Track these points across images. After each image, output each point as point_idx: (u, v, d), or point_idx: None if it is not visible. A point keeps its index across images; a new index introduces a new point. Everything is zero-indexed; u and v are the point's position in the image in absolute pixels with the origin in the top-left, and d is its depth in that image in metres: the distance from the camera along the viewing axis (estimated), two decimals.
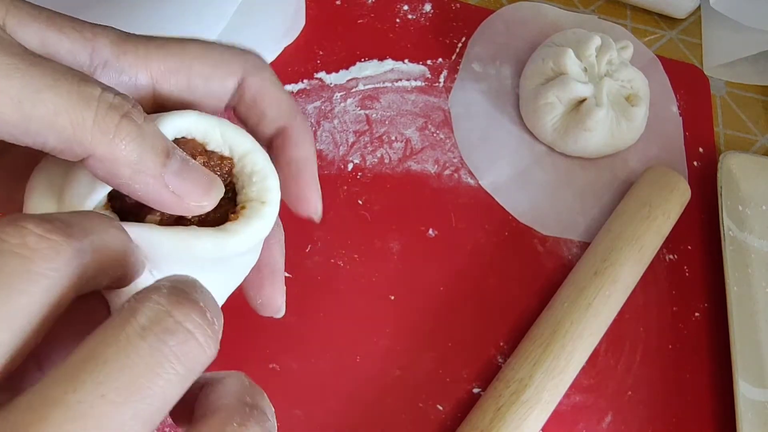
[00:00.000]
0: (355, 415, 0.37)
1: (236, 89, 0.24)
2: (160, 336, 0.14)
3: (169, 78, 0.23)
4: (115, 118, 0.18)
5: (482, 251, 0.43)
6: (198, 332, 0.15)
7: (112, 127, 0.18)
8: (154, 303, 0.15)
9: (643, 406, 0.40)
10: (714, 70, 0.55)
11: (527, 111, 0.47)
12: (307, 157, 0.24)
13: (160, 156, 0.19)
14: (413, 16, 0.50)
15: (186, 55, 0.23)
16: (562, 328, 0.38)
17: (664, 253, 0.45)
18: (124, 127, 0.18)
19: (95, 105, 0.18)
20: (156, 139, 0.19)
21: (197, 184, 0.20)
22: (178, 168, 0.19)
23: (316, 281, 0.39)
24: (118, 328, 0.14)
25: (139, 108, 0.19)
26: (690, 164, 0.49)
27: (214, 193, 0.20)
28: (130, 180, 0.18)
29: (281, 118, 0.24)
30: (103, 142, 0.18)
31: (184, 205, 0.19)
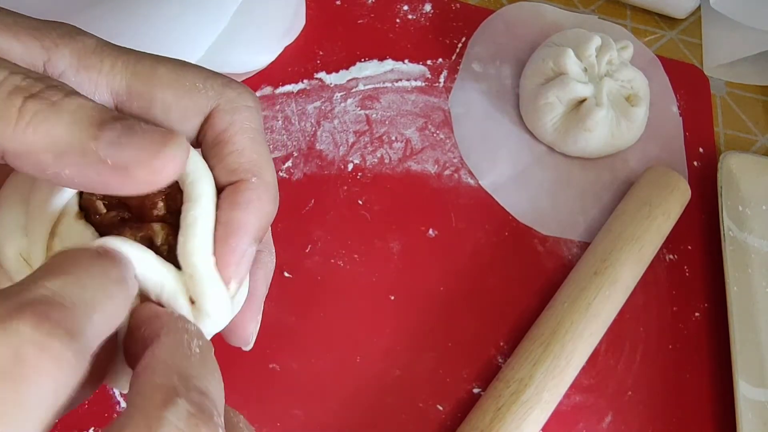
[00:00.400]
0: (355, 415, 0.37)
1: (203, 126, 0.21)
2: None
3: (130, 101, 0.20)
4: (17, 101, 0.15)
5: (482, 251, 0.43)
6: None
7: (14, 112, 0.15)
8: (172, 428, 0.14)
9: (643, 406, 0.40)
10: (714, 70, 0.55)
11: (527, 111, 0.47)
12: (243, 224, 0.20)
13: (87, 129, 0.16)
14: (413, 16, 0.50)
15: (154, 79, 0.20)
16: (562, 328, 0.38)
17: (664, 253, 0.45)
18: (29, 109, 0.15)
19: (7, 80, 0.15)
20: (80, 112, 0.16)
21: (143, 145, 0.16)
22: (116, 136, 0.16)
23: (316, 281, 0.39)
24: None
25: (62, 86, 0.16)
26: (690, 164, 0.49)
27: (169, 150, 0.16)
28: (57, 168, 0.16)
29: (237, 171, 0.20)
30: (6, 133, 0.15)
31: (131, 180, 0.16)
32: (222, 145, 0.20)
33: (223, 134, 0.20)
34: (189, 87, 0.20)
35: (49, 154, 0.15)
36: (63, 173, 0.16)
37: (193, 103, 0.20)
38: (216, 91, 0.21)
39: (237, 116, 0.21)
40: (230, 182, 0.20)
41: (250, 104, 0.21)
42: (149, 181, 0.16)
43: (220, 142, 0.20)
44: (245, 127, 0.21)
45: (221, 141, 0.20)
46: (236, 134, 0.21)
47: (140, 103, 0.20)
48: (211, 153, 0.21)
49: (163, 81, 0.20)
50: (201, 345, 0.16)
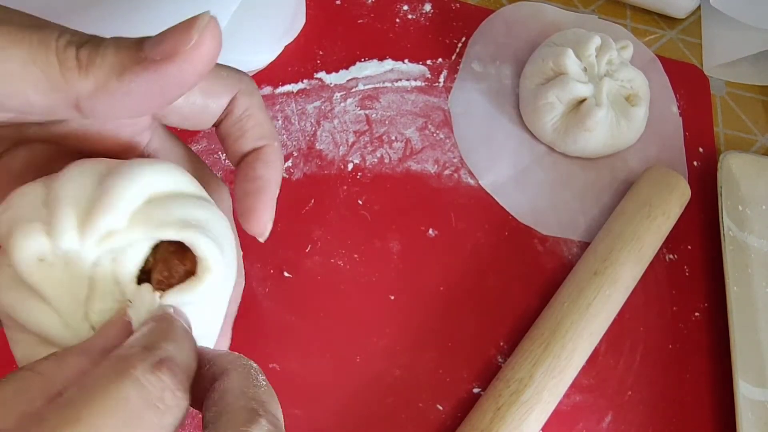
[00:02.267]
0: (355, 415, 0.37)
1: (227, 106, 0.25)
2: None
3: None
4: (72, 51, 0.18)
5: (482, 251, 0.43)
6: None
7: (73, 59, 0.18)
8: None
9: (643, 406, 0.40)
10: (714, 70, 0.55)
11: (527, 111, 0.47)
12: (273, 179, 0.25)
13: (131, 48, 0.18)
14: (413, 16, 0.50)
15: None
16: (562, 328, 0.38)
17: (664, 253, 0.45)
18: (84, 53, 0.18)
19: (54, 46, 0.18)
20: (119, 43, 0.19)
21: (179, 30, 0.19)
22: (154, 40, 0.19)
23: (316, 281, 0.39)
24: None
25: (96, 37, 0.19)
26: (690, 164, 0.49)
27: (199, 22, 0.19)
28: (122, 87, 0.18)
29: (261, 138, 0.25)
30: (74, 75, 0.18)
31: (183, 60, 0.19)
32: (246, 120, 0.25)
33: (247, 111, 0.25)
34: (217, 75, 0.24)
35: (113, 79, 0.18)
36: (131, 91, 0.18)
37: (224, 87, 0.24)
38: (236, 77, 0.25)
39: (255, 97, 0.25)
40: (255, 147, 0.25)
41: (257, 89, 0.26)
42: (197, 56, 0.19)
43: (245, 118, 0.25)
44: (261, 105, 0.25)
45: (246, 117, 0.25)
46: (257, 110, 0.25)
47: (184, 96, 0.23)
48: (236, 127, 0.25)
49: None
50: (265, 379, 0.19)
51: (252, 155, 0.25)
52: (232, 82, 0.24)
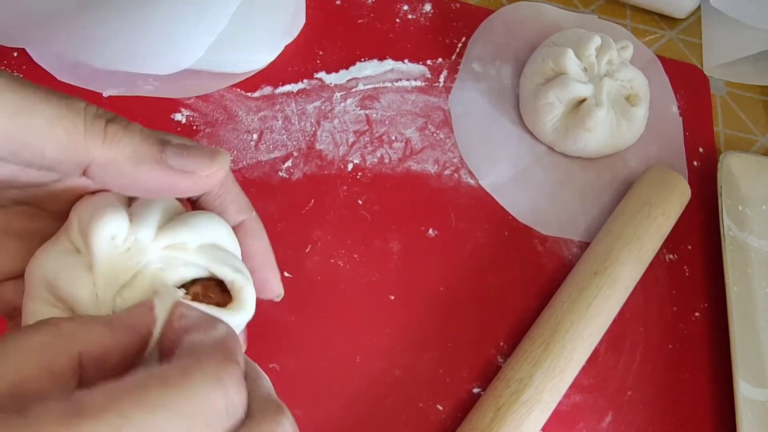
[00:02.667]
0: (355, 415, 0.37)
1: None
2: None
3: None
4: (101, 123, 0.20)
5: (482, 251, 0.43)
6: None
7: (101, 130, 0.20)
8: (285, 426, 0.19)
9: (643, 406, 0.40)
10: (714, 70, 0.55)
11: (527, 111, 0.47)
12: (266, 247, 0.27)
13: (155, 144, 0.20)
14: (413, 16, 0.50)
15: None
16: (562, 328, 0.38)
17: (664, 253, 0.45)
18: (112, 129, 0.20)
19: (83, 113, 0.19)
20: (145, 134, 0.20)
21: (201, 155, 0.21)
22: (176, 150, 0.21)
23: (316, 281, 0.39)
24: None
25: (121, 117, 0.21)
26: (690, 164, 0.49)
27: (221, 159, 0.21)
28: (134, 173, 0.20)
29: (241, 212, 0.26)
30: (97, 145, 0.19)
31: (196, 179, 0.21)
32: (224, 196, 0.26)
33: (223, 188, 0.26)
34: None
35: (130, 163, 0.20)
36: (140, 179, 0.20)
37: None
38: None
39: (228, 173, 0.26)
40: (236, 223, 0.26)
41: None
42: (207, 180, 0.21)
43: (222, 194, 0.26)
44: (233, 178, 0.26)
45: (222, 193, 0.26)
46: (231, 185, 0.26)
47: None
48: (216, 203, 0.26)
49: None
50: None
51: (239, 231, 0.26)
52: None
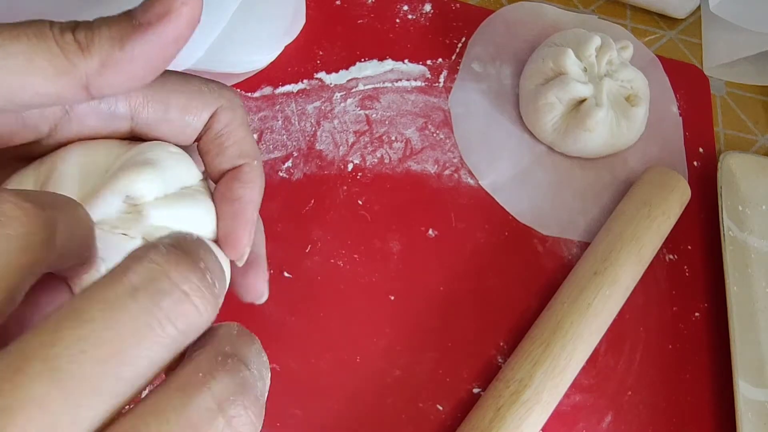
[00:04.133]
0: (355, 415, 0.37)
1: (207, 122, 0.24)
2: (152, 297, 0.14)
3: (147, 108, 0.23)
4: (70, 36, 0.19)
5: (482, 251, 0.43)
6: (195, 295, 0.15)
7: (72, 42, 0.19)
8: (149, 262, 0.14)
9: (643, 406, 0.40)
10: (714, 70, 0.55)
11: (527, 111, 0.47)
12: (251, 199, 0.24)
13: (123, 19, 0.19)
14: (413, 16, 0.50)
15: (165, 85, 0.24)
16: (562, 328, 0.38)
17: (664, 253, 0.45)
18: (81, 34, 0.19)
19: (51, 35, 0.19)
20: (110, 18, 0.20)
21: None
22: (145, 6, 0.20)
23: (316, 281, 0.39)
24: (107, 286, 0.14)
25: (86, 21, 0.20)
26: (690, 164, 0.49)
27: None
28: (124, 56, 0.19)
29: (241, 156, 0.24)
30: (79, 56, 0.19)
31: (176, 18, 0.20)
32: (226, 136, 0.24)
33: (227, 127, 0.24)
34: (196, 90, 0.24)
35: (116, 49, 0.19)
36: (133, 54, 0.19)
37: (203, 103, 0.24)
38: (217, 92, 0.25)
39: (237, 112, 0.25)
40: (234, 165, 0.24)
41: (242, 103, 0.25)
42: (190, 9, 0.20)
43: (225, 134, 0.24)
44: (244, 122, 0.25)
45: (226, 133, 0.24)
46: (238, 127, 0.24)
47: (156, 108, 0.23)
48: (215, 143, 0.24)
49: (175, 87, 0.24)
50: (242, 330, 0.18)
51: (230, 174, 0.24)
52: (212, 97, 0.24)
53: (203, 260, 0.15)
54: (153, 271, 0.14)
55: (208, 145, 0.24)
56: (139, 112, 0.23)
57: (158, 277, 0.14)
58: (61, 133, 0.22)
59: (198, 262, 0.15)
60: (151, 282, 0.14)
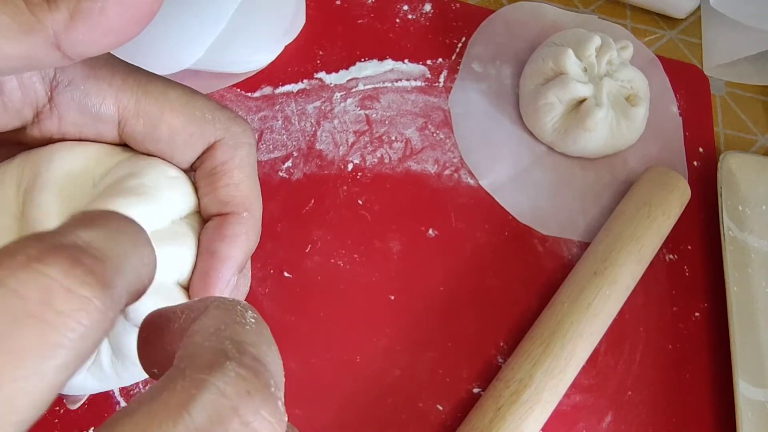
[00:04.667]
0: (355, 415, 0.37)
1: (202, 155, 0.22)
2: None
3: (136, 119, 0.21)
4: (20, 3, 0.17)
5: (482, 251, 0.43)
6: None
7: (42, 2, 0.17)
8: (217, 394, 0.12)
9: (643, 406, 0.40)
10: (714, 70, 0.55)
11: (527, 111, 0.47)
12: (229, 256, 0.21)
13: None
14: (413, 16, 0.50)
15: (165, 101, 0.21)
16: (562, 328, 0.38)
17: (664, 253, 0.45)
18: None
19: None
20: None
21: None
22: None
23: (316, 281, 0.39)
24: (166, 425, 0.11)
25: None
26: (690, 164, 0.49)
27: None
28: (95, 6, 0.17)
29: (229, 204, 0.21)
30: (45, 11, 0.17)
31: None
32: (219, 176, 0.21)
33: (222, 166, 0.21)
34: (198, 116, 0.21)
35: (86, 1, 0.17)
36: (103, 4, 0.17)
37: (200, 132, 0.21)
38: (223, 124, 0.22)
39: (239, 152, 0.22)
40: (221, 212, 0.21)
41: (251, 141, 0.22)
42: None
43: (218, 173, 0.21)
44: (244, 163, 0.22)
45: (219, 172, 0.21)
46: (235, 168, 0.22)
47: (147, 121, 0.21)
48: (206, 181, 0.22)
49: (174, 105, 0.21)
50: (256, 318, 0.15)
51: (214, 222, 0.21)
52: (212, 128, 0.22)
53: (272, 381, 0.13)
54: (221, 409, 0.12)
55: (199, 182, 0.22)
56: (128, 120, 0.21)
57: (228, 417, 0.12)
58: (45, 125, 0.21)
59: (270, 385, 0.13)
60: (219, 423, 0.11)
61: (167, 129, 0.21)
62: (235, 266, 0.21)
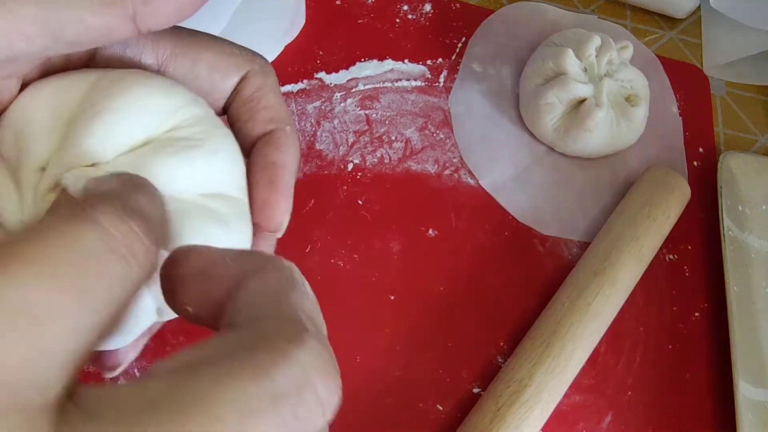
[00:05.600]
0: (355, 415, 0.37)
1: (237, 86, 0.24)
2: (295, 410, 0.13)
3: (175, 61, 0.23)
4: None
5: (482, 251, 0.43)
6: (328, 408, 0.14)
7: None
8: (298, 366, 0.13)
9: (643, 406, 0.40)
10: (714, 70, 0.55)
11: (527, 111, 0.47)
12: (286, 165, 0.23)
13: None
14: (413, 16, 0.50)
15: (196, 42, 0.23)
16: (562, 328, 0.38)
17: (664, 253, 0.45)
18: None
19: None
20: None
21: None
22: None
23: (316, 281, 0.39)
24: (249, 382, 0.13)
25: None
26: (690, 164, 0.49)
27: None
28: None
29: (272, 121, 0.23)
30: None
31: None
32: (258, 100, 0.23)
33: (259, 92, 0.23)
34: (228, 51, 0.23)
35: None
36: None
37: (234, 64, 0.23)
38: (248, 56, 0.24)
39: (269, 79, 0.24)
40: (266, 131, 0.23)
41: (273, 71, 0.24)
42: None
43: (255, 99, 0.23)
44: (276, 87, 0.24)
45: (257, 97, 0.23)
46: (269, 92, 0.24)
47: (185, 61, 0.23)
48: (246, 107, 0.23)
49: (207, 45, 0.23)
50: (307, 284, 0.16)
51: (262, 140, 0.23)
52: (243, 60, 0.24)
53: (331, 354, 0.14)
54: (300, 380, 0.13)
55: (238, 110, 0.24)
56: (167, 65, 0.22)
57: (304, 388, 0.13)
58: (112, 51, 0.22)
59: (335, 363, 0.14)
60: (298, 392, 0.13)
61: (206, 65, 0.23)
62: (291, 172, 0.23)
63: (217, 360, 0.13)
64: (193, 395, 0.12)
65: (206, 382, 0.12)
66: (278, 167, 0.23)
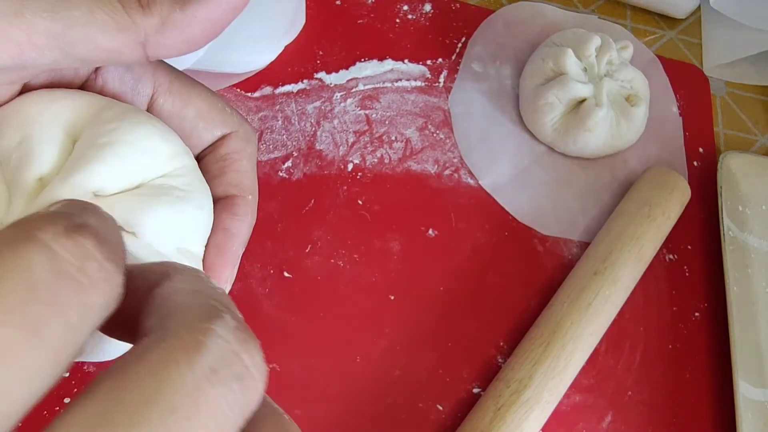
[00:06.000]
0: (355, 415, 0.37)
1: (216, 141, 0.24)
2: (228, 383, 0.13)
3: (168, 96, 0.23)
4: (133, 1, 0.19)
5: (482, 251, 0.43)
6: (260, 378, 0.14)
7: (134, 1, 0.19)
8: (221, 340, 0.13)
9: (643, 406, 0.40)
10: (714, 70, 0.55)
11: (527, 111, 0.47)
12: (240, 233, 0.24)
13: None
14: (413, 16, 0.50)
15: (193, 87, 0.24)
16: (562, 328, 0.38)
17: (664, 253, 0.45)
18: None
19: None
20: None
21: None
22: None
23: (316, 281, 0.39)
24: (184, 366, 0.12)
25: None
26: (690, 164, 0.49)
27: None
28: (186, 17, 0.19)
29: (237, 187, 0.24)
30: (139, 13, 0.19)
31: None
32: (230, 162, 0.24)
33: (235, 154, 0.24)
34: (220, 107, 0.24)
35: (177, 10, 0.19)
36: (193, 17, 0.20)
37: (222, 120, 0.24)
38: (238, 119, 0.25)
39: (249, 145, 0.25)
40: (227, 194, 0.24)
41: (256, 142, 0.26)
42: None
43: (229, 160, 0.24)
44: (252, 156, 0.25)
45: (231, 159, 0.24)
46: (245, 159, 0.24)
47: (176, 99, 0.23)
48: (218, 165, 0.24)
49: (202, 93, 0.24)
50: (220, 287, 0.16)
51: (222, 203, 0.24)
52: (232, 120, 0.24)
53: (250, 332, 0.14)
54: (226, 353, 0.13)
55: (209, 165, 0.24)
56: (159, 97, 0.23)
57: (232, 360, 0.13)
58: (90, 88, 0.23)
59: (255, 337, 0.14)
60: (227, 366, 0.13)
61: (195, 110, 0.24)
62: (244, 242, 0.24)
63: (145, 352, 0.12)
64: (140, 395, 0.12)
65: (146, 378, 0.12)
66: (229, 234, 0.23)
